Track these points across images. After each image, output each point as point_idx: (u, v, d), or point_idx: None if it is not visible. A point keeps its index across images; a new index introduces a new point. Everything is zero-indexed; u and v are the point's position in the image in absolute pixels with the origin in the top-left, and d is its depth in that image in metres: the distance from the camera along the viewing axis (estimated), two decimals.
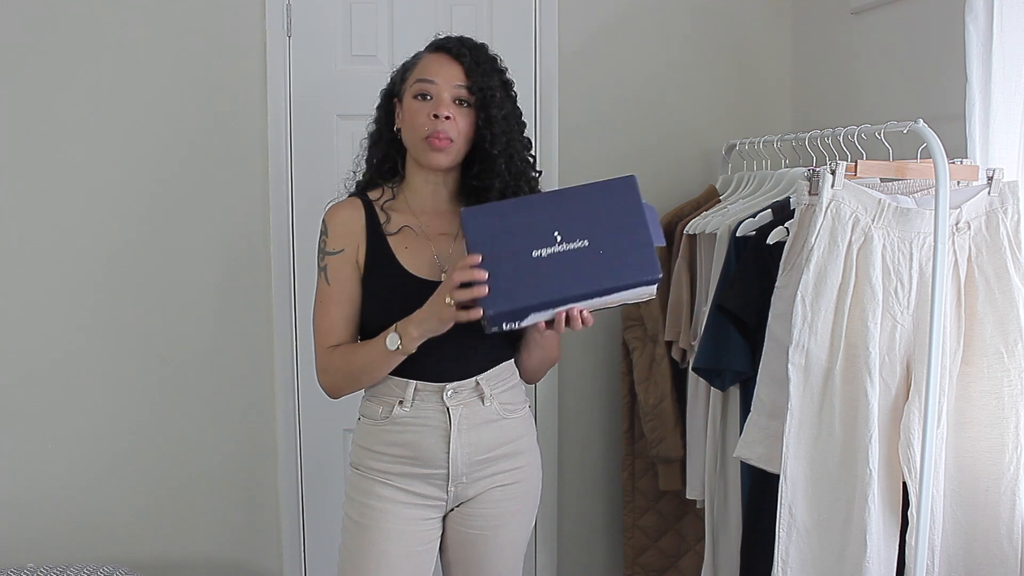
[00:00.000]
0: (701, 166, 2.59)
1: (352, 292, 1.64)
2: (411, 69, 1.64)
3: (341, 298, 1.63)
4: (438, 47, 1.64)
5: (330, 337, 1.64)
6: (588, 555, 2.69)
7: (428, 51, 1.65)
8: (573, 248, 1.44)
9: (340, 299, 1.63)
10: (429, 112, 1.57)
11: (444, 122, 1.57)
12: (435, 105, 1.58)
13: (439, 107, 1.57)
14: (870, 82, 2.27)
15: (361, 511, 1.65)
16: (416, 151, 1.61)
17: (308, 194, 2.38)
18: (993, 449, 1.64)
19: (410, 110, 1.60)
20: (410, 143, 1.62)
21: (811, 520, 1.65)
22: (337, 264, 1.63)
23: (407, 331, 1.53)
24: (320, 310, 1.65)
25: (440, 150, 1.58)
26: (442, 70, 1.60)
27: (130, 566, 2.31)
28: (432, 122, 1.57)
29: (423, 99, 1.59)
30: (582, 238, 1.45)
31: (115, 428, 2.41)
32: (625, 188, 1.49)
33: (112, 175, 2.35)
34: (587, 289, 1.44)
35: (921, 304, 1.61)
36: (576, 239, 1.45)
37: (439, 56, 1.62)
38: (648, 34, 2.56)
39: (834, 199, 1.61)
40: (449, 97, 1.59)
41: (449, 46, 1.62)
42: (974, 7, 1.69)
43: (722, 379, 1.98)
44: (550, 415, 2.60)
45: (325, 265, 1.64)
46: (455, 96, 1.59)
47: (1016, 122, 1.72)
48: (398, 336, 1.53)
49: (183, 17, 2.35)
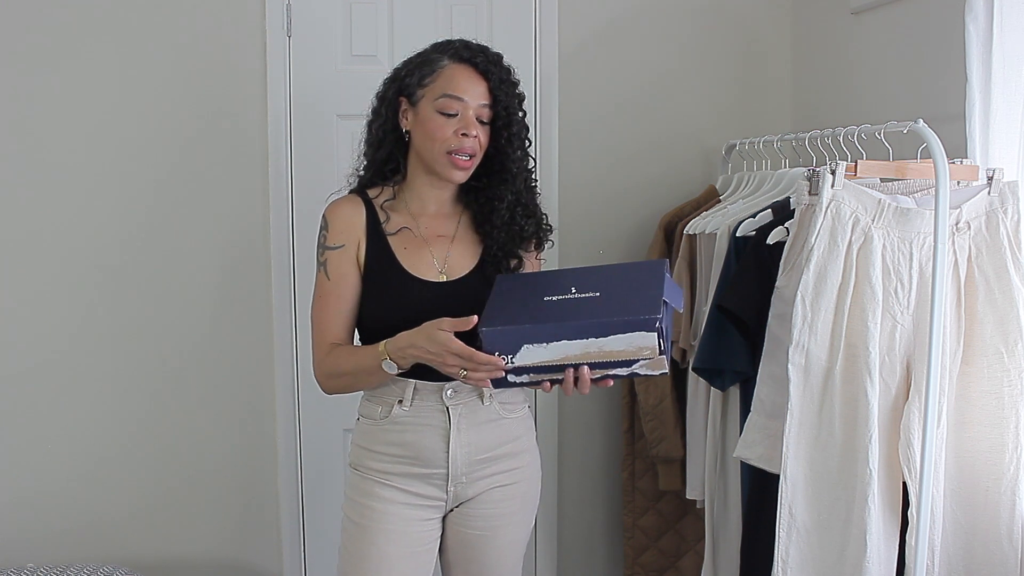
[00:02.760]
0: (701, 166, 2.59)
1: (351, 287, 1.64)
2: (430, 76, 1.60)
3: (341, 292, 1.63)
4: (462, 58, 1.60)
5: (328, 332, 1.64)
6: (588, 555, 2.69)
7: (451, 60, 1.61)
8: (584, 296, 1.46)
9: (340, 293, 1.63)
10: (457, 130, 1.57)
11: (472, 140, 1.58)
12: (464, 124, 1.57)
13: (468, 126, 1.57)
14: (870, 82, 2.26)
15: (361, 512, 1.65)
16: (435, 163, 1.60)
17: (308, 194, 2.38)
18: (993, 449, 1.64)
19: (433, 122, 1.58)
20: (429, 154, 1.60)
21: (811, 520, 1.65)
22: (337, 259, 1.63)
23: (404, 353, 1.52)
24: (319, 304, 1.65)
25: (463, 168, 1.59)
26: (470, 88, 1.58)
27: (130, 566, 2.31)
28: (459, 140, 1.57)
29: (449, 116, 1.58)
30: (596, 290, 1.47)
31: (115, 428, 2.41)
32: (654, 266, 1.52)
33: (112, 175, 2.35)
34: (582, 322, 1.41)
35: (921, 304, 1.61)
36: (590, 291, 1.47)
37: (465, 70, 1.59)
38: (648, 34, 2.56)
39: (834, 199, 1.61)
40: (473, 115, 1.58)
41: (476, 61, 1.60)
42: (974, 7, 1.69)
43: (722, 379, 1.98)
44: (550, 415, 2.60)
45: (325, 260, 1.64)
46: (479, 115, 1.59)
47: (1016, 122, 1.72)
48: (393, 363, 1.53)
49: (183, 17, 2.35)
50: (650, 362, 1.42)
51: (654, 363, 1.42)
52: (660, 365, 1.43)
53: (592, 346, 1.42)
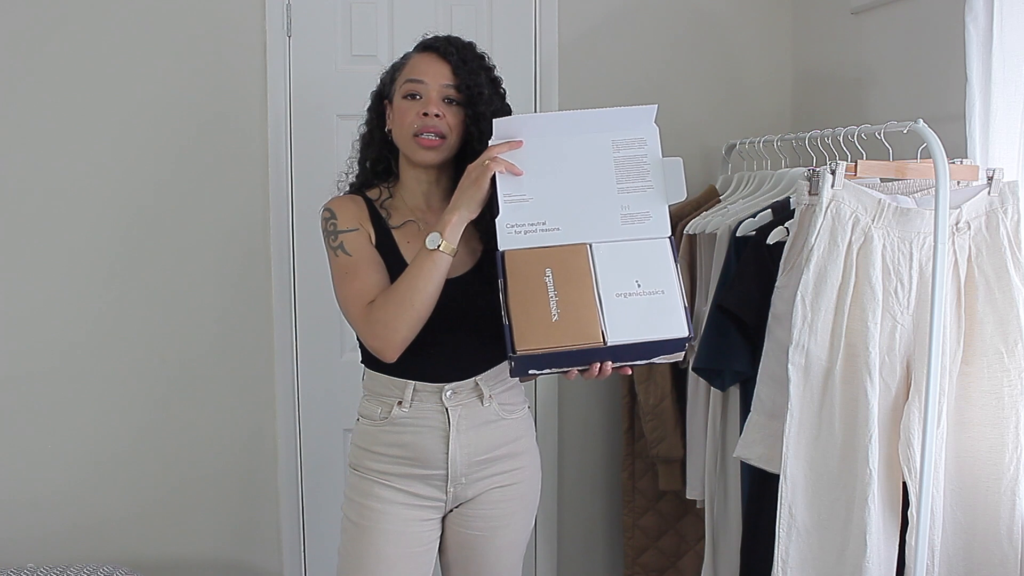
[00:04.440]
0: (701, 166, 2.59)
1: (376, 259, 1.59)
2: (400, 70, 1.65)
3: (368, 262, 1.58)
4: (426, 47, 1.65)
5: (365, 295, 1.54)
6: (588, 555, 2.69)
7: (416, 51, 1.66)
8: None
9: (367, 263, 1.58)
10: (419, 111, 1.58)
11: (433, 120, 1.58)
12: (424, 103, 1.58)
13: (428, 105, 1.58)
14: (870, 82, 2.26)
15: (360, 512, 1.65)
16: (407, 149, 1.62)
17: (308, 194, 2.38)
18: (993, 449, 1.64)
19: (400, 109, 1.61)
20: (401, 142, 1.62)
21: (811, 520, 1.65)
22: (354, 239, 1.59)
23: (444, 221, 1.49)
24: (346, 280, 1.57)
25: (430, 148, 1.59)
26: (430, 69, 1.60)
27: (130, 566, 2.31)
28: (421, 120, 1.58)
29: (412, 99, 1.60)
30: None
31: (115, 428, 2.41)
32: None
33: (112, 175, 2.35)
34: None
35: (921, 304, 1.61)
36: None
37: (427, 56, 1.63)
38: (648, 34, 2.56)
39: (834, 199, 1.61)
40: (438, 96, 1.59)
41: (436, 45, 1.63)
42: (974, 7, 1.69)
43: (722, 379, 1.98)
44: (550, 415, 2.60)
45: (340, 243, 1.59)
46: (444, 95, 1.60)
47: (1016, 122, 1.72)
48: (437, 233, 1.49)
49: (183, 17, 2.35)
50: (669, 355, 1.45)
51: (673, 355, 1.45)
52: (677, 356, 1.46)
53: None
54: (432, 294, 1.50)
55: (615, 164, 1.49)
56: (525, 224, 1.47)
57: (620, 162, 1.50)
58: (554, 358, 1.41)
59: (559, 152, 1.49)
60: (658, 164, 1.50)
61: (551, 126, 1.51)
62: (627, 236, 1.47)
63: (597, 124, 1.50)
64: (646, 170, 1.50)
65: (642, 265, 1.45)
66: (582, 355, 1.42)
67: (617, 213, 1.48)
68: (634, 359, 1.45)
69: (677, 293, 1.43)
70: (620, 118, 1.50)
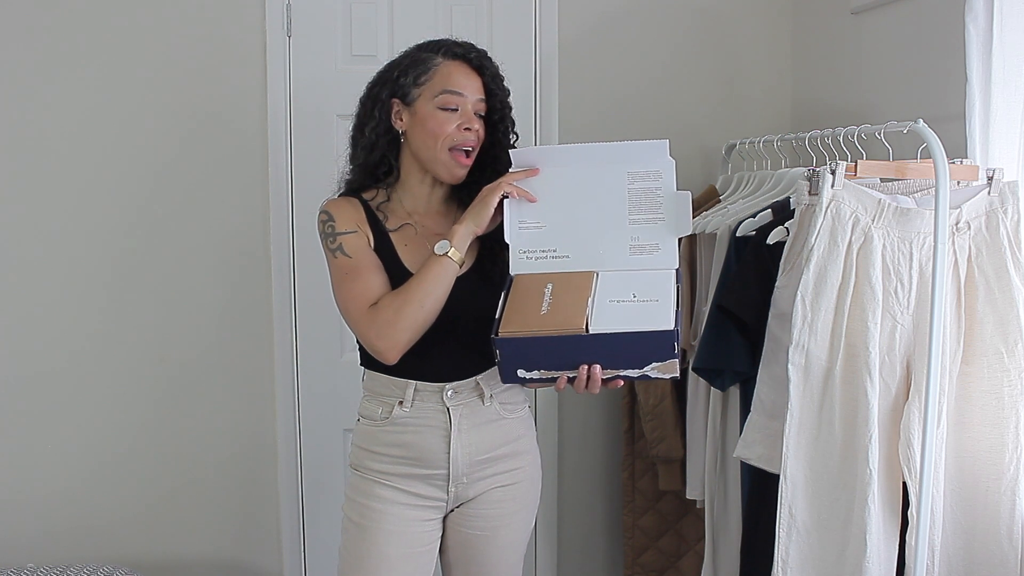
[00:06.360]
0: (701, 166, 2.59)
1: (376, 261, 1.59)
2: (426, 75, 1.60)
3: (369, 264, 1.58)
4: (456, 55, 1.61)
5: (367, 297, 1.54)
6: (588, 555, 2.69)
7: (444, 57, 1.61)
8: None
9: (366, 265, 1.58)
10: (460, 125, 1.58)
11: (472, 135, 1.59)
12: (466, 118, 1.58)
13: (470, 120, 1.58)
14: (870, 82, 2.26)
15: (361, 512, 1.65)
16: (435, 162, 1.60)
17: (308, 194, 2.38)
18: (993, 449, 1.64)
19: (435, 119, 1.58)
20: (429, 152, 1.60)
21: (811, 520, 1.65)
22: (353, 241, 1.59)
23: (452, 231, 1.53)
24: (346, 281, 1.57)
25: (465, 166, 1.60)
26: (468, 83, 1.60)
27: (130, 566, 2.31)
28: (463, 134, 1.58)
29: (451, 111, 1.58)
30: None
31: (115, 428, 2.41)
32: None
33: (111, 175, 2.35)
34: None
35: (921, 304, 1.61)
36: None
37: (462, 67, 1.60)
38: (648, 34, 2.56)
39: (834, 199, 1.61)
40: (472, 110, 1.60)
41: (469, 57, 1.61)
42: (974, 7, 1.69)
43: (722, 379, 1.97)
44: (550, 415, 2.60)
45: (339, 245, 1.59)
46: (476, 109, 1.60)
47: (1016, 122, 1.72)
48: (446, 241, 1.52)
49: (183, 17, 2.35)
50: (662, 365, 1.43)
51: (666, 367, 1.43)
52: (672, 369, 1.43)
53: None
54: (440, 298, 1.52)
55: (629, 195, 1.53)
56: (536, 251, 1.53)
57: (634, 194, 1.53)
58: (538, 351, 1.42)
59: (574, 182, 1.54)
60: (672, 197, 1.53)
61: (567, 157, 1.56)
62: (635, 267, 1.51)
63: (613, 156, 1.53)
64: (659, 203, 1.53)
65: (642, 285, 1.48)
66: (566, 348, 1.42)
67: (627, 244, 1.52)
68: (625, 366, 1.44)
69: (671, 304, 1.45)
70: (636, 151, 1.54)
